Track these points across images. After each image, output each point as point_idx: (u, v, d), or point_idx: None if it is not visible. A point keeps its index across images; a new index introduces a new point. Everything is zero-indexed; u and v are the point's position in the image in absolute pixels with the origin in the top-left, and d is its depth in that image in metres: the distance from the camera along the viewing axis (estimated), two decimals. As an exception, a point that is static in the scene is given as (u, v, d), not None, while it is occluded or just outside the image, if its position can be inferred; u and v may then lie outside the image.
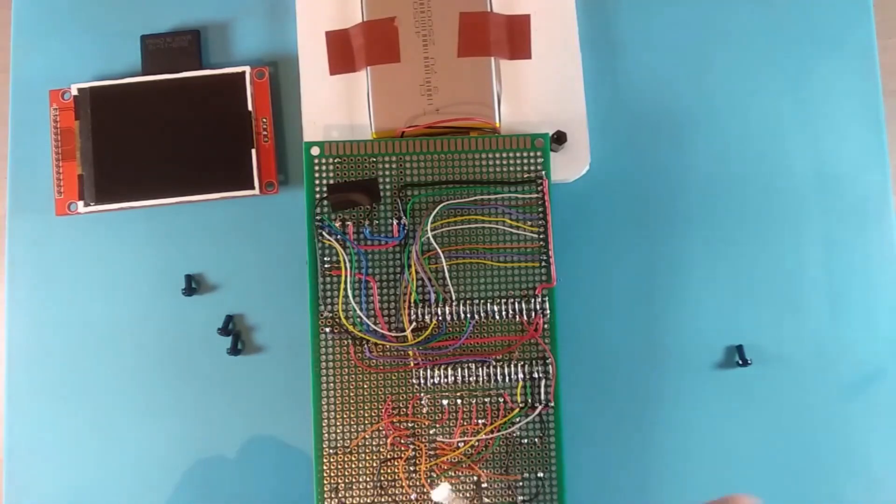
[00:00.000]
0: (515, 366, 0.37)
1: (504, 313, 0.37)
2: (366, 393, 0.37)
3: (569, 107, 0.40)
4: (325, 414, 0.37)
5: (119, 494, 0.40)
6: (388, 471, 0.37)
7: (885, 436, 0.41)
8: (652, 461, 0.40)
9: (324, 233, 0.37)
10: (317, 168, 0.38)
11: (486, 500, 0.37)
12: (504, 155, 0.38)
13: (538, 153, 0.38)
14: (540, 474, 0.37)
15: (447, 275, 0.37)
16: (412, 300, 0.37)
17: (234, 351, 0.40)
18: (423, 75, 0.39)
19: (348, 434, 0.37)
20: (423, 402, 0.37)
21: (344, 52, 0.40)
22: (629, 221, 0.41)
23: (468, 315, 0.37)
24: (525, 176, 0.38)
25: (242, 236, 0.41)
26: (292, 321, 0.40)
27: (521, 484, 0.37)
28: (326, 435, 0.37)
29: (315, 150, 0.38)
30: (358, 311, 0.37)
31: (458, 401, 0.37)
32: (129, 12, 0.42)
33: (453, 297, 0.37)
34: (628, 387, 0.40)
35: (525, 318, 0.37)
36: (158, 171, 0.40)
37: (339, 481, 0.37)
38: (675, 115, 0.42)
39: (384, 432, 0.37)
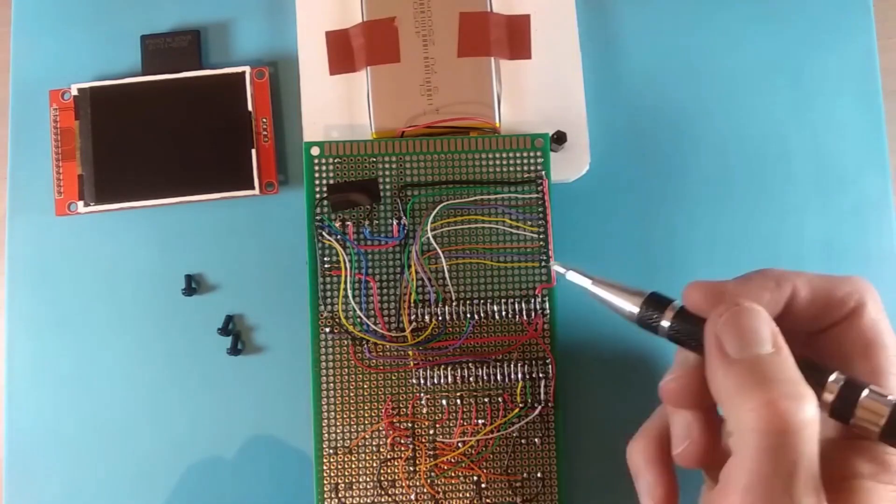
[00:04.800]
0: (515, 366, 0.37)
1: (504, 313, 0.37)
2: (366, 393, 0.37)
3: (569, 107, 0.40)
4: (325, 414, 0.37)
5: (119, 494, 0.40)
6: (388, 471, 0.37)
7: (885, 436, 0.41)
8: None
9: (324, 233, 0.37)
10: (317, 168, 0.38)
11: (486, 500, 0.37)
12: (504, 155, 0.38)
13: (538, 153, 0.38)
14: (540, 474, 0.37)
15: (447, 275, 0.37)
16: (412, 300, 0.37)
17: (234, 351, 0.40)
18: (423, 75, 0.39)
19: (348, 434, 0.37)
20: (423, 402, 0.37)
21: (344, 52, 0.41)
22: (629, 221, 0.41)
23: (468, 315, 0.37)
24: (525, 176, 0.38)
25: (242, 236, 0.41)
26: (292, 321, 0.40)
27: (520, 484, 0.37)
28: (326, 435, 0.37)
29: (315, 150, 0.38)
30: (358, 311, 0.37)
31: (458, 401, 0.37)
32: (129, 12, 0.42)
33: (453, 297, 0.37)
34: (629, 386, 0.40)
35: (525, 318, 0.37)
36: (158, 171, 0.40)
37: (339, 481, 0.37)
38: (676, 115, 0.42)
39: (384, 432, 0.37)
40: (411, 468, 0.37)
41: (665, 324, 0.28)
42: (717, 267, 0.41)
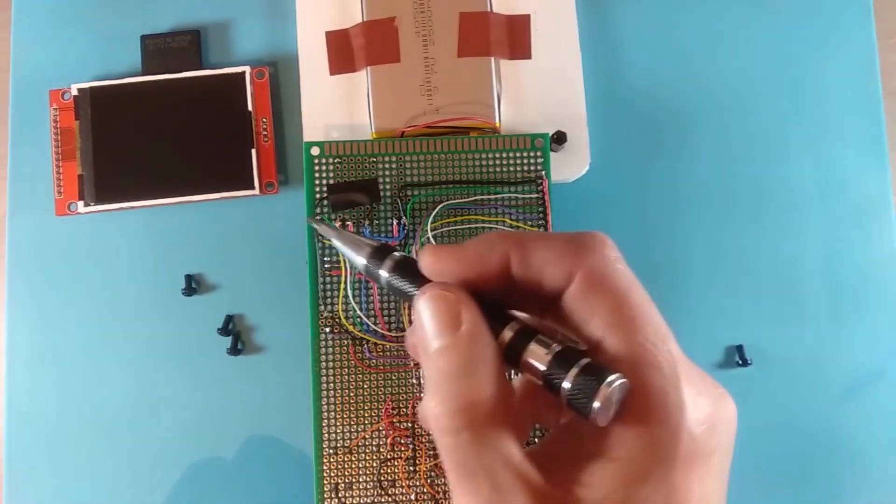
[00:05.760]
0: (515, 366, 0.37)
1: (504, 313, 0.37)
2: (366, 393, 0.37)
3: (569, 107, 0.40)
4: (325, 414, 0.37)
5: (119, 494, 0.40)
6: (388, 471, 0.37)
7: (885, 436, 0.41)
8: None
9: (324, 233, 0.37)
10: (317, 168, 0.38)
11: (486, 500, 0.37)
12: (504, 155, 0.38)
13: (538, 153, 0.38)
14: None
15: (447, 275, 0.37)
16: (412, 300, 0.37)
17: (234, 351, 0.40)
18: (423, 75, 0.39)
19: (348, 434, 0.37)
20: (423, 402, 0.37)
21: (344, 52, 0.40)
22: (629, 221, 0.41)
23: (468, 315, 0.37)
24: (525, 176, 0.38)
25: (242, 236, 0.41)
26: (292, 321, 0.40)
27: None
28: (326, 435, 0.37)
29: (315, 150, 0.38)
30: (358, 311, 0.37)
31: (458, 401, 0.37)
32: (129, 12, 0.42)
33: (453, 297, 0.37)
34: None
35: (525, 318, 0.37)
36: (158, 171, 0.40)
37: (339, 481, 0.37)
38: (675, 116, 0.42)
39: (384, 432, 0.37)
40: (411, 468, 0.37)
41: (385, 273, 0.26)
42: (717, 266, 0.41)
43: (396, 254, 0.26)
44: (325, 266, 0.37)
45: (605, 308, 0.22)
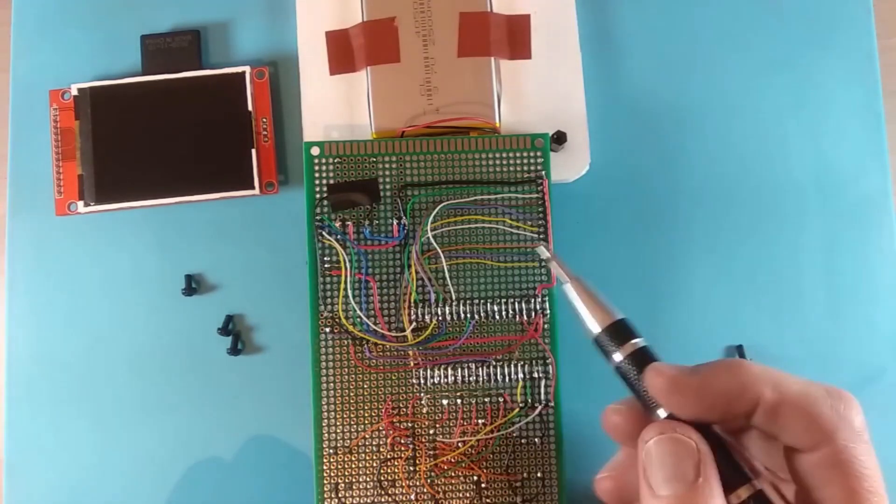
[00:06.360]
0: (515, 366, 0.37)
1: (504, 313, 0.37)
2: (366, 393, 0.37)
3: (569, 107, 0.40)
4: (325, 414, 0.37)
5: (119, 494, 0.40)
6: (388, 471, 0.37)
7: (885, 436, 0.40)
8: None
9: (324, 233, 0.37)
10: (317, 168, 0.38)
11: (486, 500, 0.37)
12: (504, 155, 0.38)
13: (538, 153, 0.38)
14: (540, 474, 0.37)
15: (447, 275, 0.37)
16: (412, 300, 0.37)
17: (234, 351, 0.40)
18: (423, 75, 0.39)
19: (348, 434, 0.37)
20: (423, 402, 0.37)
21: (344, 52, 0.41)
22: (629, 221, 0.41)
23: (468, 315, 0.37)
24: (525, 176, 0.38)
25: (242, 236, 0.41)
26: (292, 321, 0.40)
27: (520, 484, 0.37)
28: (326, 435, 0.37)
29: (315, 150, 0.38)
30: (358, 311, 0.37)
31: (458, 401, 0.37)
32: (129, 12, 0.43)
33: (453, 297, 0.37)
34: (628, 387, 0.40)
35: (525, 318, 0.37)
36: (158, 171, 0.40)
37: (339, 481, 0.37)
38: (676, 115, 0.42)
39: (384, 432, 0.37)
40: (411, 468, 0.37)
41: (617, 357, 0.27)
42: (717, 266, 0.41)
43: (639, 341, 0.26)
44: (325, 266, 0.37)
45: (844, 485, 0.23)
